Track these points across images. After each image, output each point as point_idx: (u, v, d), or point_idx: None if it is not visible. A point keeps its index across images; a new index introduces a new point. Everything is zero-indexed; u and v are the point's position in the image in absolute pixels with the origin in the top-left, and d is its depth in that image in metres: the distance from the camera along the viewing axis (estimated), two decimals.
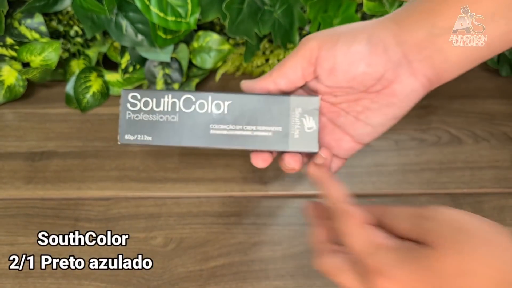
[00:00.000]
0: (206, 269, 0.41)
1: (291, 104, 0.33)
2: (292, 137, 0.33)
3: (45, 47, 0.52)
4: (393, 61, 0.31)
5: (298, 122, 0.33)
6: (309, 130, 0.33)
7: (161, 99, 0.33)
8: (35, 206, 0.46)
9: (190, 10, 0.48)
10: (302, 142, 0.33)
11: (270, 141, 0.33)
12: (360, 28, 0.32)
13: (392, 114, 0.33)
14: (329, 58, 0.31)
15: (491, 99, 0.56)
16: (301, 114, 0.33)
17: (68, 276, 0.41)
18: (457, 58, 0.32)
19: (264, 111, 0.33)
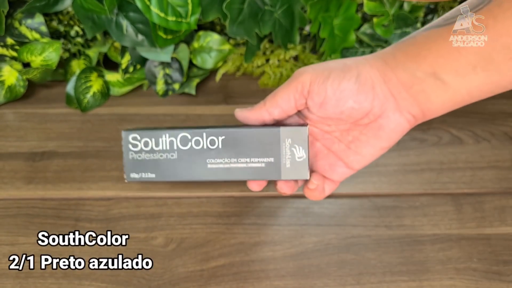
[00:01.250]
0: (206, 269, 0.41)
1: (281, 135, 0.35)
2: (284, 166, 0.35)
3: (45, 47, 0.52)
4: (380, 98, 0.33)
5: (289, 152, 0.35)
6: (299, 159, 0.35)
7: (159, 138, 0.35)
8: (35, 206, 0.46)
9: (190, 10, 0.48)
10: (293, 171, 0.35)
11: (264, 171, 0.35)
12: (350, 64, 0.34)
13: (380, 145, 0.36)
14: (320, 92, 0.34)
15: (492, 99, 0.55)
16: (291, 144, 0.35)
17: (68, 276, 0.41)
18: (439, 100, 0.33)
19: (256, 143, 0.35)
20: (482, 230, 0.43)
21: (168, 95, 0.56)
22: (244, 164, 0.35)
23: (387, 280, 0.40)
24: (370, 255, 0.41)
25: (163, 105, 0.55)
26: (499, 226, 0.44)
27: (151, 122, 0.53)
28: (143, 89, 0.57)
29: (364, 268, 0.41)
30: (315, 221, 0.44)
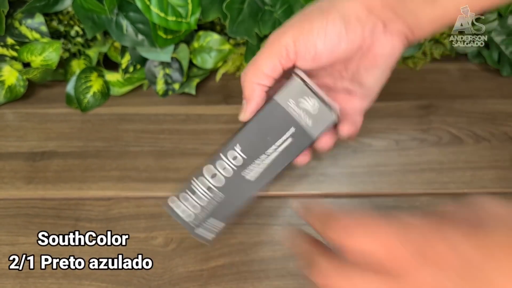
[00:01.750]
0: (206, 269, 0.41)
1: (281, 103, 0.33)
2: (308, 126, 0.33)
3: (45, 47, 0.52)
4: (369, 27, 0.32)
5: (301, 111, 0.32)
6: (315, 109, 0.32)
7: (192, 187, 0.35)
8: (35, 206, 0.46)
9: (190, 10, 0.48)
10: (319, 122, 0.32)
11: (296, 144, 0.33)
12: (328, 7, 0.32)
13: (380, 72, 0.34)
14: (309, 49, 0.31)
15: (492, 99, 0.56)
16: (297, 103, 0.32)
17: (68, 276, 0.41)
18: (427, 18, 0.32)
19: (268, 127, 0.33)
20: None
21: (168, 95, 0.56)
22: (275, 152, 0.33)
23: None
24: None
25: (163, 105, 0.55)
26: None
27: (151, 122, 0.53)
28: (143, 89, 0.57)
29: None
30: None
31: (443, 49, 0.59)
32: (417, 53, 0.59)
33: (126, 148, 0.51)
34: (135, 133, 0.52)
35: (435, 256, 0.21)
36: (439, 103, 0.55)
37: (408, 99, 0.56)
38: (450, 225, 0.22)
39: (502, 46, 0.57)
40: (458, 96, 0.56)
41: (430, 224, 0.23)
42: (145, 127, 0.53)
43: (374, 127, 0.53)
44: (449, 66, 0.60)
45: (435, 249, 0.21)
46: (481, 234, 0.21)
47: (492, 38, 0.57)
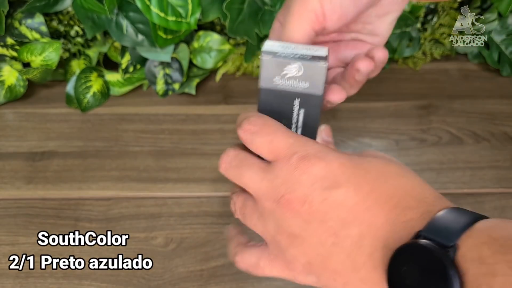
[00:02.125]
0: (206, 269, 0.41)
1: (269, 87, 0.31)
2: (307, 88, 0.30)
3: (45, 47, 0.52)
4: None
5: (290, 81, 0.30)
6: (300, 70, 0.30)
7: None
8: (35, 206, 0.46)
9: (190, 10, 0.48)
10: (313, 78, 0.30)
11: (310, 110, 0.31)
12: None
13: (392, 19, 0.34)
14: (336, 8, 0.31)
15: (491, 99, 0.56)
16: (281, 77, 0.30)
17: (68, 276, 0.41)
18: None
19: (277, 113, 0.31)
20: None
21: (168, 95, 0.56)
22: (299, 128, 0.32)
23: None
24: None
25: (163, 105, 0.55)
26: None
27: (151, 122, 0.53)
28: (143, 89, 0.57)
29: None
30: None
31: (443, 49, 0.59)
32: (417, 53, 0.59)
33: (126, 148, 0.51)
34: (135, 133, 0.52)
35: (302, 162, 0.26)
36: (439, 103, 0.55)
37: (408, 99, 0.56)
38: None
39: (502, 46, 0.57)
40: (458, 96, 0.56)
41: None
42: (145, 127, 0.53)
43: (374, 127, 0.53)
44: (449, 66, 0.60)
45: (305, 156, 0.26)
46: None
47: (492, 38, 0.57)
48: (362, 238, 0.24)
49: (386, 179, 0.25)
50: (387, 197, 0.24)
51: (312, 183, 0.25)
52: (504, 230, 0.21)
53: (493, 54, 0.57)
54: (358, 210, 0.24)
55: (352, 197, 0.25)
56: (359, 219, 0.24)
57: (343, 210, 0.25)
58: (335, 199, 0.25)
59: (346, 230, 0.24)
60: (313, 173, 0.25)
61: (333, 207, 0.25)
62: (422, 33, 0.58)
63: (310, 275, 0.26)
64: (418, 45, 0.58)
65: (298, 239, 0.26)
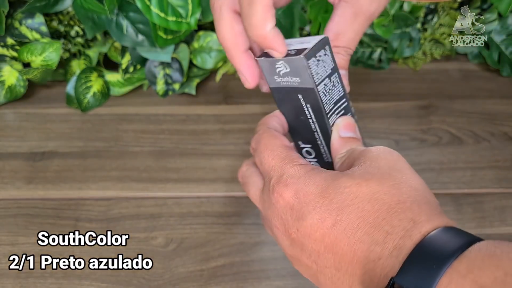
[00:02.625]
0: (206, 269, 0.41)
1: (273, 85, 0.30)
2: (300, 82, 0.29)
3: (45, 47, 0.52)
4: None
5: (285, 77, 0.30)
6: (287, 67, 0.29)
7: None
8: (35, 206, 0.46)
9: (190, 11, 0.48)
10: (300, 72, 0.29)
11: (314, 103, 0.30)
12: None
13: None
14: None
15: (491, 99, 0.56)
16: (278, 75, 0.30)
17: (68, 276, 0.41)
18: None
19: (292, 110, 0.31)
20: (482, 230, 0.43)
21: (168, 95, 0.56)
22: (315, 123, 0.31)
23: None
24: None
25: (163, 105, 0.55)
26: (499, 226, 0.44)
27: (151, 122, 0.53)
28: (143, 89, 0.57)
29: None
30: None
31: (443, 49, 0.59)
32: (417, 53, 0.59)
33: (126, 148, 0.51)
34: (135, 133, 0.52)
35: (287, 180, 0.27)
36: (439, 103, 0.55)
37: (408, 99, 0.56)
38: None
39: (502, 46, 0.57)
40: (458, 96, 0.56)
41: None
42: (145, 127, 0.53)
43: (374, 127, 0.53)
44: (449, 66, 0.60)
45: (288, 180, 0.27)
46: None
47: (492, 38, 0.57)
48: (337, 270, 0.24)
49: (353, 207, 0.24)
50: (352, 228, 0.23)
51: (285, 212, 0.26)
52: (491, 271, 0.18)
53: (493, 54, 0.57)
54: (326, 242, 0.24)
55: (319, 229, 0.24)
56: (330, 251, 0.24)
57: (314, 241, 0.24)
58: (304, 230, 0.25)
59: (322, 261, 0.24)
60: (285, 201, 0.26)
61: (306, 237, 0.25)
62: (422, 33, 0.58)
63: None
64: (418, 45, 0.58)
65: (293, 259, 0.27)
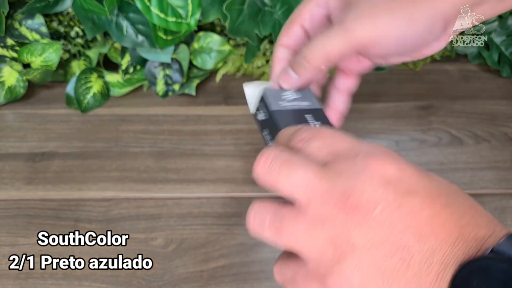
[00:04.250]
0: (206, 270, 0.41)
1: (277, 109, 0.32)
2: (307, 104, 0.33)
3: (45, 48, 0.52)
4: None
5: (291, 103, 0.33)
6: (294, 94, 0.34)
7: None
8: (35, 207, 0.46)
9: (190, 11, 0.48)
10: (307, 97, 0.34)
11: (324, 120, 0.33)
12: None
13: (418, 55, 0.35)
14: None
15: (492, 100, 0.56)
16: (283, 101, 0.33)
17: (68, 277, 0.41)
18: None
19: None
20: None
21: (168, 96, 0.56)
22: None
23: None
24: None
25: (163, 106, 0.55)
26: None
27: (151, 123, 0.53)
28: (143, 90, 0.57)
29: None
30: None
31: (443, 50, 0.59)
32: None
33: (126, 149, 0.51)
34: (135, 133, 0.52)
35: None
36: (439, 104, 0.55)
37: (408, 99, 0.56)
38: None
39: (502, 47, 0.57)
40: (458, 97, 0.56)
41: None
42: (145, 128, 0.53)
43: (374, 128, 0.53)
44: (449, 67, 0.60)
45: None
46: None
47: (492, 39, 0.57)
48: (433, 254, 0.21)
49: (457, 195, 0.24)
50: (460, 213, 0.22)
51: (386, 184, 0.22)
52: None
53: (493, 55, 0.57)
54: (434, 224, 0.22)
55: (428, 208, 0.22)
56: (435, 233, 0.22)
57: (419, 221, 0.22)
58: (411, 207, 0.22)
59: (420, 245, 0.21)
60: (387, 175, 0.22)
61: (409, 216, 0.22)
62: None
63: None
64: None
65: (356, 251, 0.22)
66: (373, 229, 0.22)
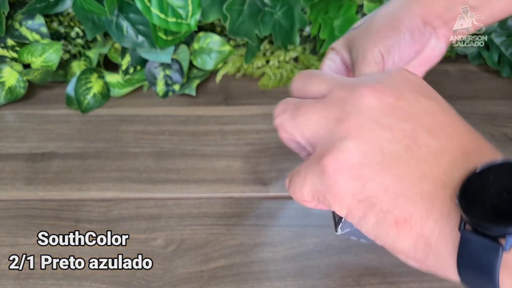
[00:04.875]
0: (206, 271, 0.41)
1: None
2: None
3: (46, 48, 0.52)
4: (425, 36, 0.36)
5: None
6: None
7: None
8: (35, 207, 0.46)
9: (190, 12, 0.48)
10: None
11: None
12: (398, 23, 0.35)
13: (424, 69, 0.38)
14: (389, 61, 0.35)
15: (491, 100, 0.56)
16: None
17: (68, 277, 0.41)
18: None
19: None
20: None
21: (168, 96, 0.56)
22: None
23: (387, 281, 0.40)
24: (370, 256, 0.41)
25: (163, 106, 0.55)
26: None
27: (151, 123, 0.54)
28: (143, 90, 0.57)
29: (365, 269, 0.41)
30: (315, 222, 0.44)
31: None
32: None
33: (126, 149, 0.51)
34: (135, 134, 0.52)
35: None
36: None
37: None
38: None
39: (502, 48, 0.57)
40: (458, 97, 0.56)
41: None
42: (145, 128, 0.53)
43: None
44: (449, 68, 0.60)
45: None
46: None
47: (492, 39, 0.57)
48: (442, 152, 0.21)
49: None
50: (475, 133, 0.23)
51: (408, 83, 0.24)
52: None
53: (493, 55, 0.57)
54: (448, 127, 0.22)
55: (443, 113, 0.23)
56: (448, 134, 0.22)
57: (432, 120, 0.23)
58: (428, 105, 0.23)
59: (428, 139, 0.22)
60: (408, 77, 0.25)
61: (424, 112, 0.23)
62: None
63: (352, 182, 0.22)
64: None
65: (363, 129, 0.22)
66: (384, 113, 0.22)
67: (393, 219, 0.21)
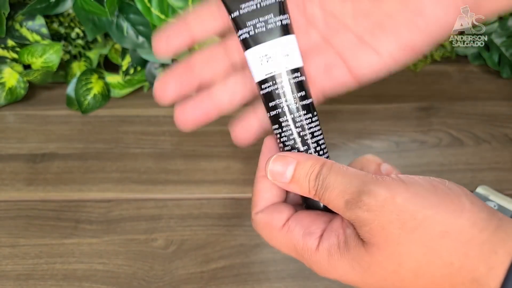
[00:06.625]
0: (207, 271, 0.41)
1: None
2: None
3: (46, 49, 0.52)
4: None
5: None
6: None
7: None
8: (36, 208, 0.46)
9: None
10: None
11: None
12: None
13: (409, 40, 0.25)
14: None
15: (492, 101, 0.56)
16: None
17: (68, 278, 0.41)
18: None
19: None
20: None
21: None
22: None
23: None
24: None
25: (163, 107, 0.55)
26: None
27: (152, 124, 0.54)
28: (144, 91, 0.57)
29: None
30: None
31: (443, 51, 0.60)
32: None
33: (126, 150, 0.51)
34: (136, 135, 0.52)
35: None
36: (439, 105, 0.55)
37: (408, 101, 0.56)
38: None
39: (502, 48, 0.57)
40: (459, 98, 0.56)
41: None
42: (145, 129, 0.53)
43: (374, 129, 0.53)
44: (450, 68, 0.60)
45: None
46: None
47: (492, 40, 0.57)
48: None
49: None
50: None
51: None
52: None
53: (493, 56, 0.57)
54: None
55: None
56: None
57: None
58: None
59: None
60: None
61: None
62: None
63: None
64: None
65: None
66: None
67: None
